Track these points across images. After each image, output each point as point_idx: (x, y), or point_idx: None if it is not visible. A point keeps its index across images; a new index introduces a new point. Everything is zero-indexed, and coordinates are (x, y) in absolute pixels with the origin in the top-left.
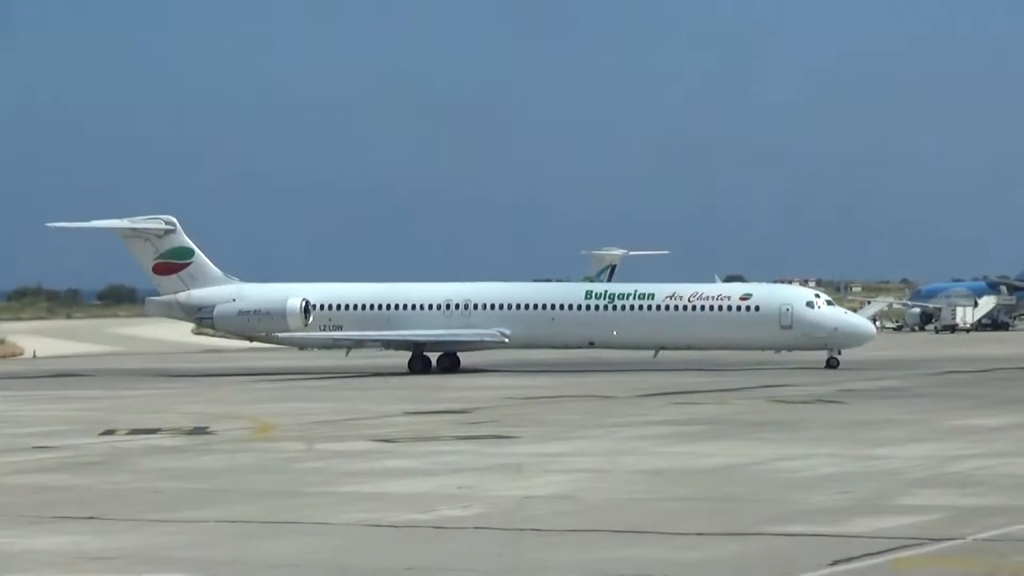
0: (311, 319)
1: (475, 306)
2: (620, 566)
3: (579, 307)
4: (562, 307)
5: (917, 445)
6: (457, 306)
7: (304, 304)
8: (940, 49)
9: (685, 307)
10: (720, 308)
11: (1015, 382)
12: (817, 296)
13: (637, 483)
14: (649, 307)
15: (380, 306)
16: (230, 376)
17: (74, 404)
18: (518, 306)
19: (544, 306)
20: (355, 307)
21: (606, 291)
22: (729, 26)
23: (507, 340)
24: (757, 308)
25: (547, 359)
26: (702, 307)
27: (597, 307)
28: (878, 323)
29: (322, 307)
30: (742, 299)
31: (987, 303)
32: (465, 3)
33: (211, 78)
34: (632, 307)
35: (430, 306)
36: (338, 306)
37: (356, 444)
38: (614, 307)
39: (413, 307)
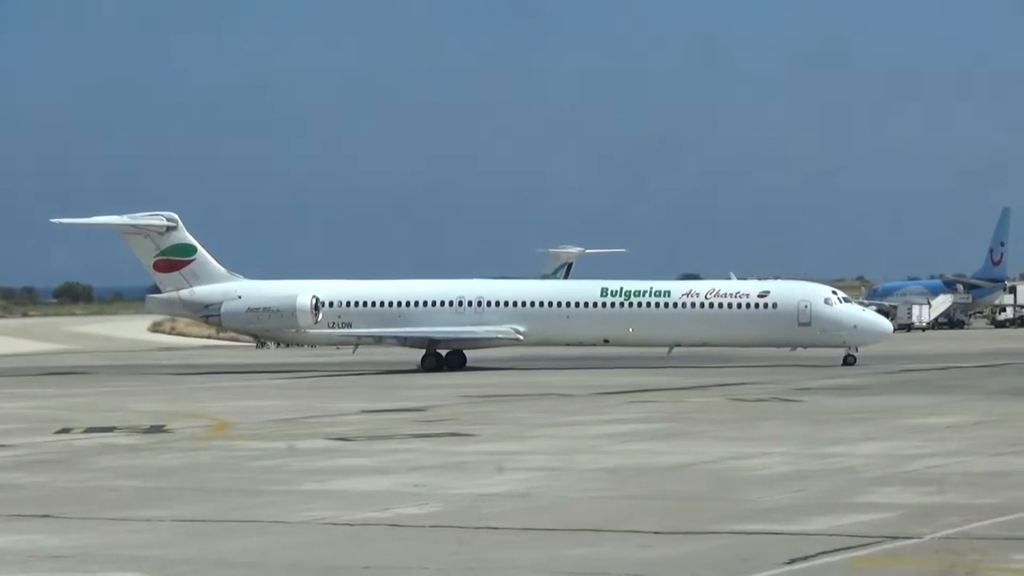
0: (320, 316)
1: (488, 303)
2: (575, 565)
3: (594, 304)
4: (577, 304)
5: (873, 443)
6: (470, 303)
7: (315, 301)
8: (899, 51)
9: (702, 304)
10: (738, 306)
11: (969, 380)
12: (834, 293)
13: (593, 481)
14: (666, 304)
15: (390, 303)
16: (187, 374)
17: (29, 402)
18: (532, 303)
19: (559, 303)
20: (364, 304)
21: (622, 288)
22: (687, 28)
23: (521, 337)
24: (775, 305)
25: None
26: (719, 304)
27: (613, 304)
28: None
29: (331, 304)
30: (760, 296)
31: (943, 302)
32: (424, 8)
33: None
34: (648, 304)
35: (442, 303)
36: (347, 303)
37: (312, 442)
38: (630, 304)
39: (424, 304)
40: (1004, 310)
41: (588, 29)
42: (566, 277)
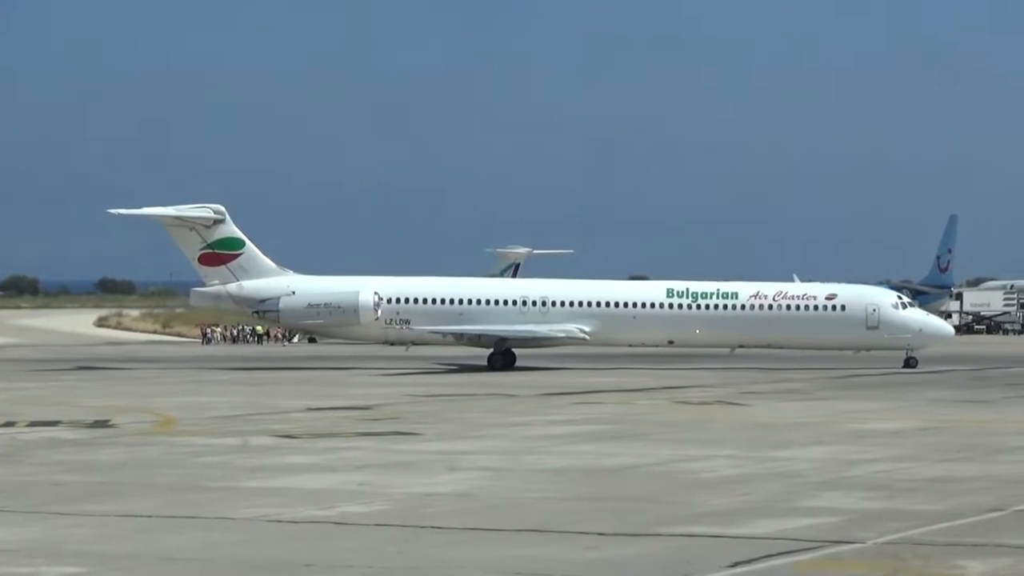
0: (380, 313)
1: (553, 303)
2: (520, 565)
3: (660, 305)
4: (643, 305)
5: (818, 448)
6: (534, 302)
7: (376, 298)
8: (847, 58)
9: (770, 307)
10: (806, 308)
11: (915, 386)
12: (899, 297)
13: (538, 482)
14: (733, 307)
15: (451, 300)
16: (134, 369)
17: None
18: (598, 303)
19: (625, 304)
20: (424, 301)
21: (688, 289)
22: (641, 32)
23: (587, 338)
24: (843, 308)
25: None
26: (787, 307)
27: (680, 306)
28: None
29: (389, 301)
30: (827, 299)
31: None
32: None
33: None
34: (715, 306)
35: (506, 301)
36: (406, 300)
37: (258, 439)
38: (697, 306)
39: (487, 302)
40: (950, 316)
41: (540, 34)
42: (514, 277)
